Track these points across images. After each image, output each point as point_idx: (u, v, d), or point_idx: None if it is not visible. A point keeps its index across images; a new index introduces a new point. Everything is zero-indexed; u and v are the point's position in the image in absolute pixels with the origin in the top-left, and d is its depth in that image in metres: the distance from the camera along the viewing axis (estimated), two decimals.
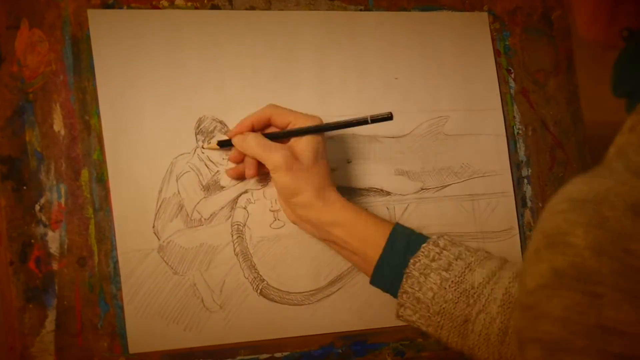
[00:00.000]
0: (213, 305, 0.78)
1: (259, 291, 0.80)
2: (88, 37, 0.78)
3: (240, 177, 0.80)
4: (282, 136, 0.77)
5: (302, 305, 0.81)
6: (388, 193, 0.85)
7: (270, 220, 0.81)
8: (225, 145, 0.79)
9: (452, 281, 0.67)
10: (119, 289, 0.75)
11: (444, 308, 0.67)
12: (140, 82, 0.79)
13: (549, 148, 0.92)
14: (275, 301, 0.80)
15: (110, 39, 0.78)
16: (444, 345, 0.71)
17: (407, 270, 0.68)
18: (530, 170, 0.91)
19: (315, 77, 0.85)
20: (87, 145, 0.77)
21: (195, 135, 0.80)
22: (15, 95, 0.75)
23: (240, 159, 0.79)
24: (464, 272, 0.67)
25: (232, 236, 0.80)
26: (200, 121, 0.81)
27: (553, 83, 0.93)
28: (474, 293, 0.67)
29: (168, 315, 0.76)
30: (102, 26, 0.78)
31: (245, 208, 0.81)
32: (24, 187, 0.74)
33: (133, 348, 0.75)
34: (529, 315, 0.44)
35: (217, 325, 0.78)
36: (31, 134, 0.75)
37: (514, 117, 0.91)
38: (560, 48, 0.94)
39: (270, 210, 0.81)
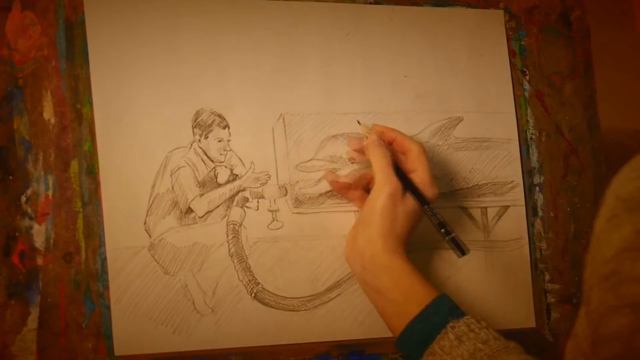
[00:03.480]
0: (204, 308, 0.77)
1: (253, 295, 0.79)
2: (83, 22, 0.77)
3: (338, 185, 0.81)
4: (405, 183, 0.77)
5: (298, 311, 0.80)
6: None
7: (268, 221, 0.81)
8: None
9: (485, 353, 0.66)
10: (106, 287, 0.75)
11: None
12: (136, 71, 0.79)
13: (563, 155, 0.92)
14: (270, 306, 0.79)
15: (106, 24, 0.78)
16: None
17: (444, 331, 0.68)
18: (542, 178, 0.91)
19: (320, 72, 0.84)
20: (78, 136, 0.76)
21: (193, 128, 0.80)
22: (4, 81, 0.75)
23: (356, 147, 0.81)
24: (501, 350, 0.67)
25: (228, 236, 0.79)
26: (198, 114, 0.80)
27: (569, 87, 0.93)
28: None
29: (157, 317, 0.76)
30: (98, 10, 0.78)
31: (242, 207, 0.80)
32: (10, 177, 0.74)
33: (119, 350, 0.75)
34: (610, 283, 0.44)
35: (208, 330, 0.77)
36: (19, 122, 0.75)
37: (527, 121, 0.91)
38: (579, 50, 0.94)
39: (268, 210, 0.81)
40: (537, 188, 0.90)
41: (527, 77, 0.92)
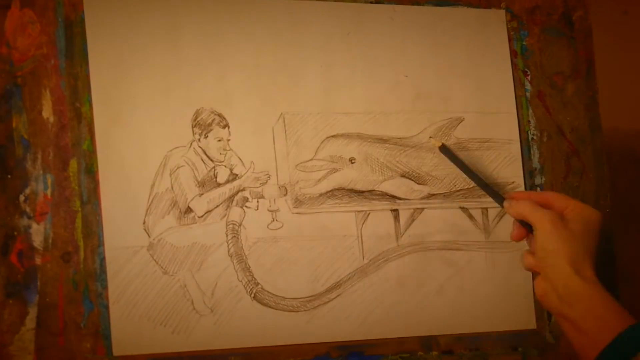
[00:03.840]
0: (203, 309, 0.77)
1: (252, 295, 0.79)
2: (82, 20, 0.77)
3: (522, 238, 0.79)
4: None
5: (298, 312, 0.80)
6: (393, 197, 0.85)
7: (267, 221, 0.81)
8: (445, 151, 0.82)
9: None
10: (105, 287, 0.75)
11: None
12: (136, 70, 0.78)
13: (565, 156, 0.91)
14: (270, 306, 0.79)
15: (106, 23, 0.78)
16: None
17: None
18: (543, 179, 0.90)
19: (320, 72, 0.84)
20: (77, 135, 0.76)
21: (192, 127, 0.80)
22: (3, 79, 0.75)
23: (521, 236, 0.79)
24: None
25: (227, 236, 0.79)
26: (197, 113, 0.80)
27: (571, 87, 0.93)
28: None
29: (155, 317, 0.76)
30: (97, 9, 0.78)
31: (242, 207, 0.80)
32: (9, 176, 0.74)
33: (117, 350, 0.74)
34: None
35: (207, 330, 0.77)
36: (18, 120, 0.75)
37: (528, 121, 0.91)
38: (581, 50, 0.93)
39: (268, 210, 0.81)
40: (538, 189, 0.90)
41: (529, 78, 0.92)
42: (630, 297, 0.88)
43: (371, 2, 0.87)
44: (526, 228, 0.78)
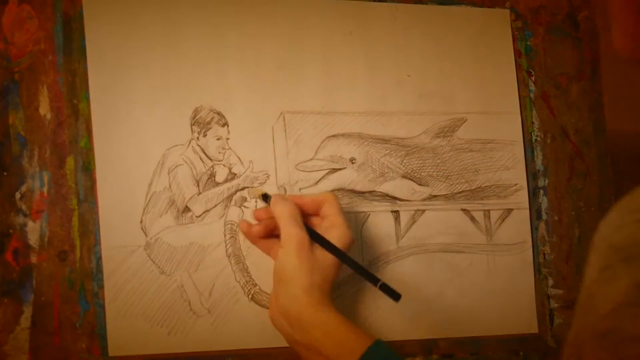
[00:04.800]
0: (200, 309, 0.77)
1: (250, 296, 0.79)
2: (81, 16, 0.77)
3: (251, 233, 0.77)
4: (315, 238, 0.74)
5: None
6: (394, 198, 0.85)
7: None
8: (266, 199, 0.77)
9: None
10: (101, 286, 0.75)
11: None
12: (135, 67, 0.78)
13: (568, 158, 0.91)
14: (268, 308, 0.78)
15: (105, 18, 0.78)
16: None
17: None
18: (547, 181, 0.90)
19: (321, 70, 0.84)
20: (74, 132, 0.76)
21: (191, 126, 0.80)
22: (0, 75, 0.74)
23: (262, 218, 0.77)
24: None
25: (225, 236, 0.79)
26: (196, 111, 0.80)
27: (576, 88, 0.93)
28: None
29: (152, 318, 0.76)
30: (96, 4, 0.77)
31: (240, 207, 0.80)
32: (5, 173, 0.74)
33: (113, 350, 0.74)
34: (609, 341, 0.42)
35: (203, 331, 0.77)
36: (15, 117, 0.75)
37: (532, 122, 0.91)
38: (586, 51, 0.93)
39: None
40: (542, 191, 0.90)
41: (533, 78, 0.91)
42: None
43: (373, 0, 0.87)
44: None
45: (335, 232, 0.74)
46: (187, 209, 0.78)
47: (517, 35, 0.91)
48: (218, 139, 0.80)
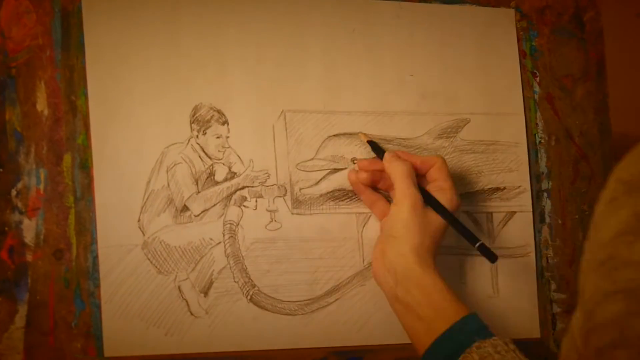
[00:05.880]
0: (198, 310, 0.77)
1: (249, 297, 0.78)
2: (80, 11, 0.77)
3: (358, 180, 0.81)
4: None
5: (295, 315, 0.80)
6: None
7: (266, 221, 0.80)
8: (375, 150, 0.80)
9: None
10: (97, 286, 0.74)
11: None
12: (134, 63, 0.78)
13: (573, 160, 0.91)
14: (267, 309, 0.79)
15: (104, 13, 0.77)
16: None
17: (468, 350, 0.68)
18: (550, 184, 0.90)
19: (323, 69, 0.84)
20: (72, 128, 0.76)
21: (190, 124, 0.79)
22: None
23: (366, 169, 0.80)
24: None
25: (224, 236, 0.79)
26: (196, 109, 0.80)
27: (581, 90, 0.92)
28: None
29: (149, 318, 0.75)
30: None
31: (239, 206, 0.80)
32: (0, 170, 0.74)
33: (109, 351, 0.74)
34: (606, 268, 0.44)
35: (201, 332, 0.77)
36: (11, 113, 0.74)
37: (536, 124, 0.90)
38: (591, 52, 0.93)
39: (267, 210, 0.81)
40: (545, 194, 0.90)
41: (538, 79, 0.91)
42: None
43: None
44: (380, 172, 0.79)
45: (443, 195, 0.77)
46: (185, 208, 0.78)
47: (522, 35, 0.91)
48: (218, 137, 0.80)
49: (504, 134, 0.89)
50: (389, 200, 0.81)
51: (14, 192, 0.74)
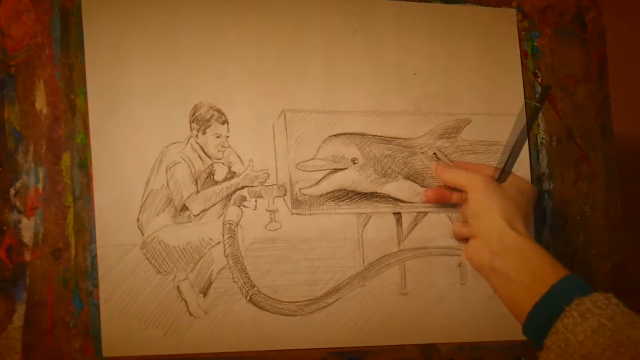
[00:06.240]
0: (197, 310, 0.77)
1: (248, 298, 0.78)
2: (79, 9, 0.77)
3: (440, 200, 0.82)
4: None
5: (295, 316, 0.80)
6: (396, 200, 0.84)
7: (266, 221, 0.80)
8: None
9: (609, 329, 0.66)
10: (96, 286, 0.74)
11: (590, 353, 0.66)
12: (133, 62, 0.78)
13: (574, 161, 0.91)
14: (266, 310, 0.79)
15: (103, 12, 0.77)
16: None
17: (568, 309, 0.68)
18: (552, 185, 0.90)
19: (324, 68, 0.84)
20: (71, 127, 0.76)
21: (190, 123, 0.79)
22: None
23: (437, 197, 0.82)
24: (625, 325, 0.66)
25: (223, 236, 0.79)
26: (196, 108, 0.80)
27: (583, 90, 0.92)
28: (628, 344, 0.66)
29: (147, 318, 0.75)
30: None
31: (239, 206, 0.80)
32: None
33: (107, 351, 0.74)
34: None
35: (200, 332, 0.77)
36: (10, 111, 0.74)
37: (538, 125, 0.90)
38: (593, 53, 0.93)
39: (266, 210, 0.81)
40: (546, 195, 0.90)
41: (539, 79, 0.91)
42: None
43: None
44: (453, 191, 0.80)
45: (519, 181, 0.80)
46: (184, 208, 0.78)
47: (524, 35, 0.91)
48: (217, 137, 0.80)
49: (506, 135, 0.89)
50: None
51: (12, 191, 0.74)
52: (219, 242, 0.79)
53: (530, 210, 0.79)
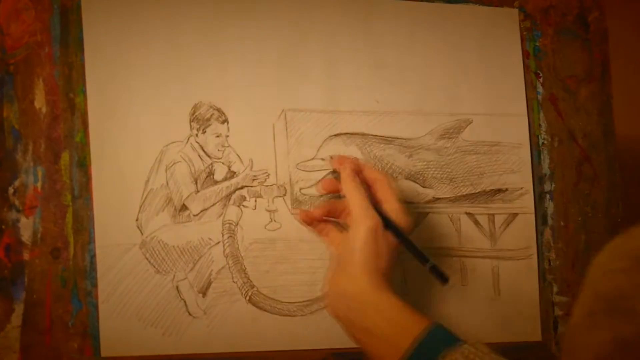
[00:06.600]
0: (196, 310, 0.77)
1: (247, 298, 0.78)
2: (79, 7, 0.77)
3: (312, 218, 0.78)
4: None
5: (295, 316, 0.80)
6: None
7: (265, 221, 0.80)
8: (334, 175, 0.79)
9: None
10: (95, 285, 0.74)
11: None
12: (133, 61, 0.78)
13: (576, 162, 0.91)
14: (265, 310, 0.79)
15: (103, 10, 0.77)
16: None
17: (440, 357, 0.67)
18: (553, 185, 0.90)
19: (325, 68, 0.84)
20: (70, 126, 0.76)
21: (190, 122, 0.79)
22: None
23: (328, 189, 0.78)
24: None
25: (223, 236, 0.79)
26: (196, 107, 0.80)
27: (585, 91, 0.92)
28: None
29: (146, 318, 0.75)
30: None
31: (239, 206, 0.80)
32: None
33: (106, 351, 0.74)
34: None
35: (199, 333, 0.76)
36: (9, 110, 0.74)
37: (539, 125, 0.90)
38: (596, 53, 0.93)
39: (266, 210, 0.80)
40: (548, 196, 0.89)
41: (541, 80, 0.91)
42: None
43: None
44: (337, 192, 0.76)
45: (397, 216, 0.74)
46: (184, 208, 0.78)
47: (526, 35, 0.91)
48: (217, 136, 0.80)
49: (507, 135, 0.89)
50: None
51: (11, 190, 0.73)
52: (218, 242, 0.78)
53: (394, 264, 0.75)
